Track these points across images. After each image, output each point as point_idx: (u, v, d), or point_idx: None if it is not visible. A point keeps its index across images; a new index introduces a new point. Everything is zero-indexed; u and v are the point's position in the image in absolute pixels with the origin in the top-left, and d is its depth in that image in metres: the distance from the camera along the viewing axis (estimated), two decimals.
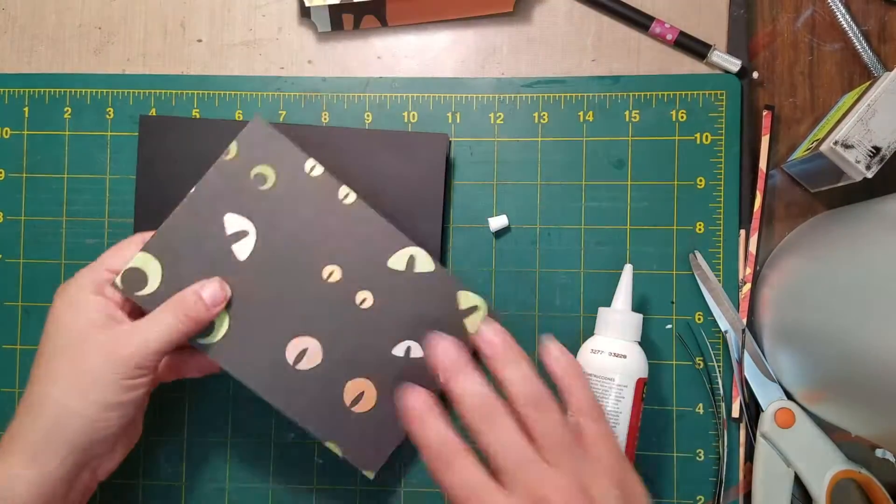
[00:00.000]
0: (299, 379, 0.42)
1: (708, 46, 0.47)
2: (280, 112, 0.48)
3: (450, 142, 0.47)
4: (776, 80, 0.48)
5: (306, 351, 0.42)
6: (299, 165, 0.42)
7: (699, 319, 0.47)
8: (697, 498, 0.46)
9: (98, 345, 0.38)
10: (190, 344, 0.41)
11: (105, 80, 0.49)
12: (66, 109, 0.49)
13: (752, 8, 0.48)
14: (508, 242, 0.47)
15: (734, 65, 0.47)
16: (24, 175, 0.49)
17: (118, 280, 0.40)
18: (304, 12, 0.49)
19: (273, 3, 0.49)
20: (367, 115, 0.48)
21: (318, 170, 0.42)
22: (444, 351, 0.35)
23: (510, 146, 0.48)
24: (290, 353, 0.42)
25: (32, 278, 0.48)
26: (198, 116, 0.48)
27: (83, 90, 0.49)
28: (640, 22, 0.47)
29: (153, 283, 0.41)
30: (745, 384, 0.45)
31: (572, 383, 0.35)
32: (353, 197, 0.43)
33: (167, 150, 0.47)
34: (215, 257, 0.42)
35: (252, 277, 0.42)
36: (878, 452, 0.46)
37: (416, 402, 0.35)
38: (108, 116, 0.48)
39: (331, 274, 0.42)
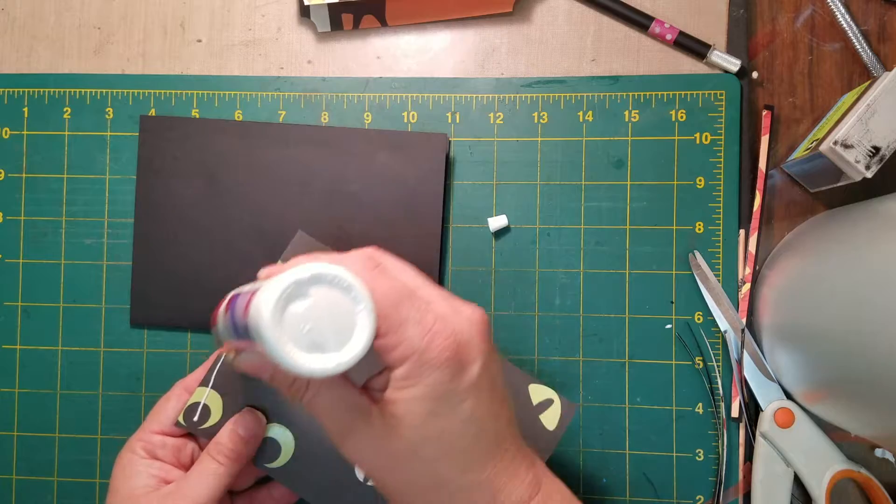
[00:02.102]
0: (372, 494, 0.40)
1: (707, 46, 0.47)
2: (280, 112, 0.48)
3: (449, 142, 0.47)
4: (776, 79, 0.48)
5: None
6: None
7: (699, 319, 0.47)
8: (697, 497, 0.46)
9: None
10: (258, 468, 0.41)
11: (104, 80, 0.49)
12: (65, 109, 0.49)
13: (752, 8, 0.48)
14: (508, 242, 0.47)
15: (734, 65, 0.47)
16: (24, 175, 0.49)
17: (180, 418, 0.40)
18: (304, 12, 0.49)
19: (272, 3, 0.49)
20: (367, 115, 0.48)
21: None
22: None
23: (510, 146, 0.48)
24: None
25: (32, 278, 0.48)
26: (197, 116, 0.48)
27: (83, 90, 0.49)
28: (640, 22, 0.47)
29: (216, 415, 0.40)
30: (744, 384, 0.45)
31: None
32: None
33: (167, 150, 0.47)
34: None
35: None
36: (878, 452, 0.46)
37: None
38: (107, 116, 0.48)
39: None
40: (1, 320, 0.48)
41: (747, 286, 0.46)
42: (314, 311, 0.26)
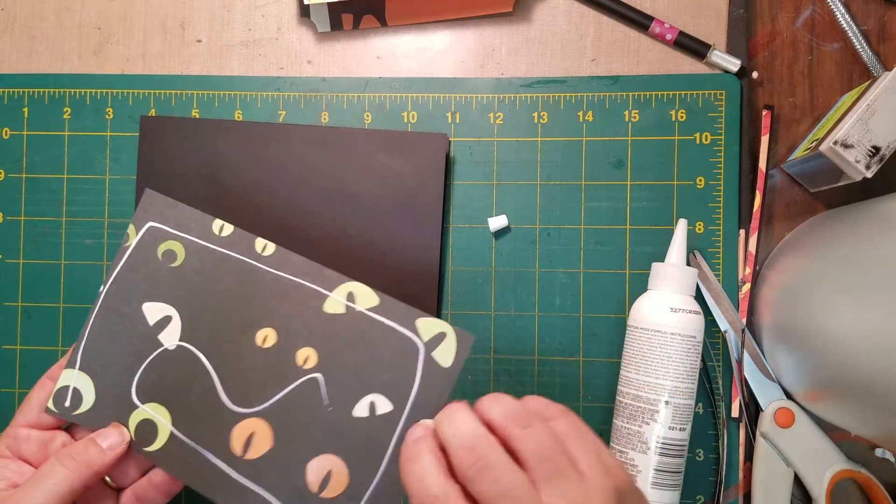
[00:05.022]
0: (253, 470, 0.36)
1: (707, 46, 0.47)
2: (280, 112, 0.48)
3: (449, 142, 0.47)
4: (776, 79, 0.48)
5: (253, 436, 0.36)
6: (207, 228, 0.39)
7: None
8: (697, 498, 0.46)
9: None
10: (137, 453, 0.38)
11: (104, 80, 0.49)
12: (65, 110, 0.49)
13: (752, 8, 0.48)
14: (508, 242, 0.47)
15: (734, 64, 0.47)
16: (24, 175, 0.49)
17: (50, 404, 0.38)
18: (304, 11, 0.49)
19: (272, 3, 0.49)
20: (367, 115, 0.48)
21: (228, 228, 0.39)
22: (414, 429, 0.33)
23: (510, 146, 0.48)
24: (237, 442, 0.36)
25: (32, 279, 0.48)
26: (197, 116, 0.48)
27: (83, 90, 0.49)
28: (640, 22, 0.47)
29: (88, 399, 0.38)
30: (744, 384, 0.45)
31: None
32: (272, 247, 0.39)
33: (167, 150, 0.47)
34: (142, 352, 0.38)
35: (185, 364, 0.38)
36: (878, 452, 0.46)
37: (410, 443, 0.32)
38: (107, 116, 0.49)
39: (265, 338, 0.37)
40: (1, 320, 0.48)
41: (747, 286, 0.46)
42: None
